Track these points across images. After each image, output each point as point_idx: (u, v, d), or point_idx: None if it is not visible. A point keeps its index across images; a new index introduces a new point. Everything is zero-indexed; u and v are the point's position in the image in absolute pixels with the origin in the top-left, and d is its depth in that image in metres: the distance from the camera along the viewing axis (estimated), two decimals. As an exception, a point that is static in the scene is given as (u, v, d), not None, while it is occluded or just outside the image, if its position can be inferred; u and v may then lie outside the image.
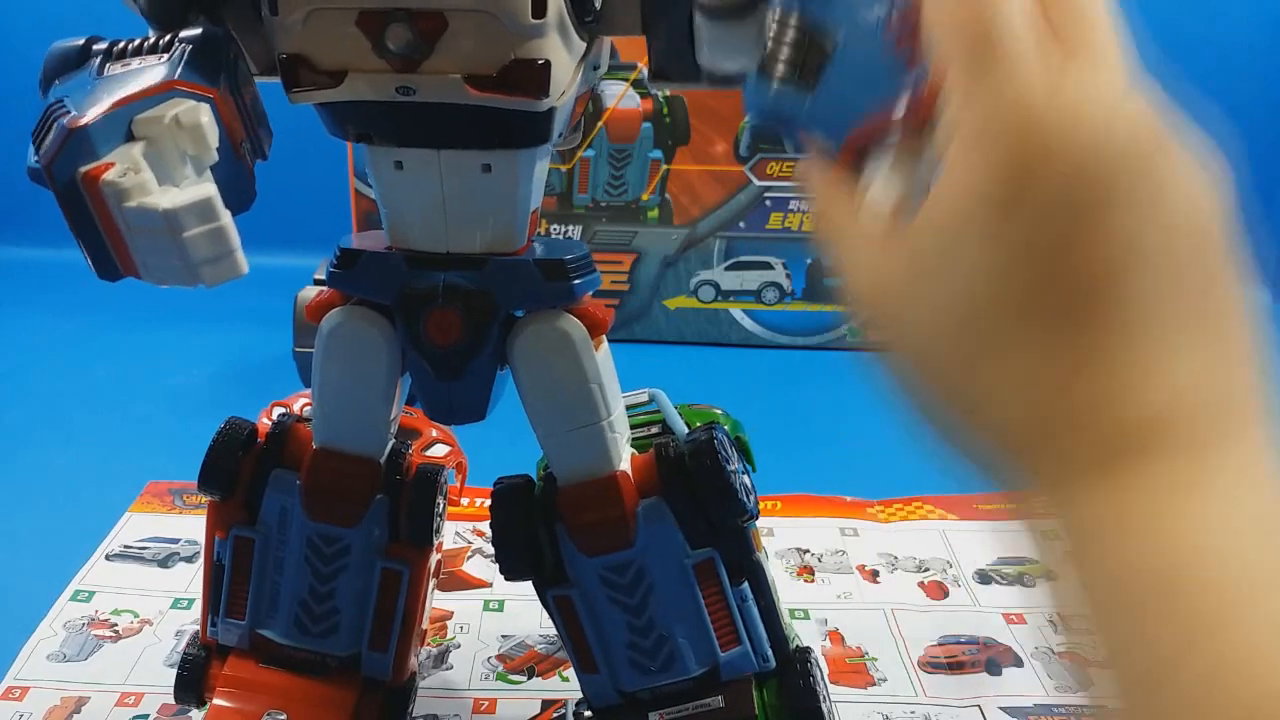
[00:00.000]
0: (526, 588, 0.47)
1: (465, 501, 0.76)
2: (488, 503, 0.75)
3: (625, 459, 0.45)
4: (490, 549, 0.72)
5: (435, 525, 0.48)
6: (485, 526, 0.74)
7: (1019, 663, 0.63)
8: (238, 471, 0.46)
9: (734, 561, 0.45)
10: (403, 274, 0.42)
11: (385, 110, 0.38)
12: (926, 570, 0.72)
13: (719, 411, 0.49)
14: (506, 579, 0.47)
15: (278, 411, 0.51)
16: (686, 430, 0.46)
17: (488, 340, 0.42)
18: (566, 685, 0.60)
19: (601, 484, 0.44)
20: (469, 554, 0.72)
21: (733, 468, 0.44)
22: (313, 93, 0.38)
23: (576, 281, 0.42)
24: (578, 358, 0.42)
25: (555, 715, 0.58)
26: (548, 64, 0.37)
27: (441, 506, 0.48)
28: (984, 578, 0.71)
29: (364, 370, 0.43)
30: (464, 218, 0.41)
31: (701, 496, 0.44)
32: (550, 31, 0.37)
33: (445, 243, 0.42)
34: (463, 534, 0.74)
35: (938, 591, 0.70)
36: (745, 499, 0.44)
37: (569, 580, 0.45)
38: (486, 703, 0.59)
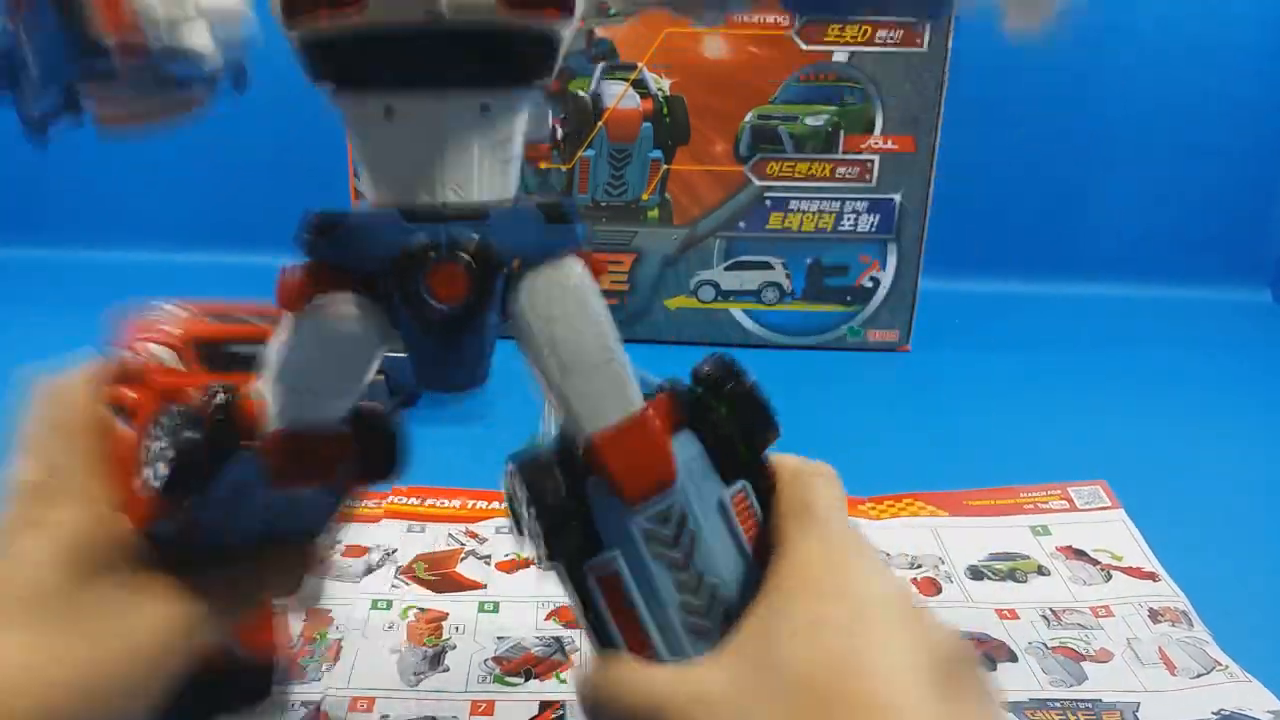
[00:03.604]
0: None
1: (458, 504, 0.77)
2: (479, 504, 0.76)
3: (641, 397, 0.43)
4: (484, 550, 0.72)
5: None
6: (478, 528, 0.75)
7: (1013, 658, 0.63)
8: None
9: (764, 489, 0.44)
10: (400, 230, 0.39)
11: (383, 47, 0.37)
12: (919, 567, 0.73)
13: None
14: (552, 559, 0.43)
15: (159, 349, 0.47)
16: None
17: (493, 294, 0.40)
18: (564, 687, 0.60)
19: (635, 420, 0.42)
20: (462, 555, 0.72)
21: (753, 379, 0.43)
22: (325, 19, 0.35)
23: (579, 225, 0.41)
24: (587, 297, 0.41)
25: (554, 717, 0.58)
26: None
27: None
28: (976, 573, 0.72)
29: (343, 356, 0.41)
30: (461, 164, 0.40)
31: (732, 416, 0.43)
32: None
33: (443, 192, 0.40)
34: (455, 536, 0.74)
35: (930, 588, 0.70)
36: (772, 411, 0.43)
37: (607, 545, 0.42)
38: (484, 705, 0.59)
